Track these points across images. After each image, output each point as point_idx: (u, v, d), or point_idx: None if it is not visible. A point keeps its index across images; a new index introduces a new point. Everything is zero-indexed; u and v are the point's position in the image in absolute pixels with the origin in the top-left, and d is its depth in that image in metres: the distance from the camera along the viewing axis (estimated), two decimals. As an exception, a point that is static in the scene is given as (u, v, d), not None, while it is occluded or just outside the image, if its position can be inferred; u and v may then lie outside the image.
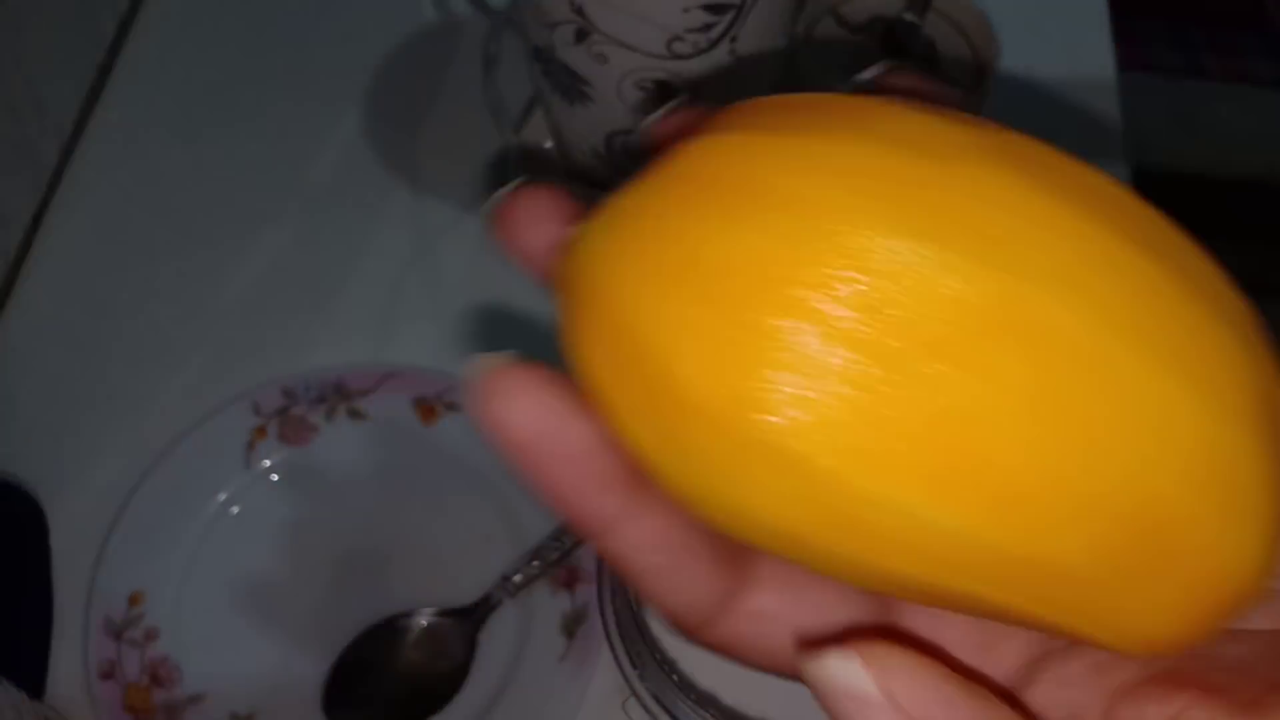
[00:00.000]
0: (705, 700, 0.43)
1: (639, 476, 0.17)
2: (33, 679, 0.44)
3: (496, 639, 0.46)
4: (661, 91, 0.40)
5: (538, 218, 0.19)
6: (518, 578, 0.46)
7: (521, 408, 0.17)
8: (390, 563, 0.48)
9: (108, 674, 0.44)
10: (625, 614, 0.35)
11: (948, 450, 0.15)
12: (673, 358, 0.15)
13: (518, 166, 0.52)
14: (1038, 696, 0.18)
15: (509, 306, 0.55)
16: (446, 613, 0.46)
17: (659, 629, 0.45)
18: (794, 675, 0.18)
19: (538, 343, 0.58)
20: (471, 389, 0.17)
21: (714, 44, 0.39)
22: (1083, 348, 0.15)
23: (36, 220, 0.56)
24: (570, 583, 0.46)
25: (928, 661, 0.16)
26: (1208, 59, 1.39)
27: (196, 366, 0.52)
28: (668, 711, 0.34)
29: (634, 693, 0.35)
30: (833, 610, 0.19)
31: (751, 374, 0.15)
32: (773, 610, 0.19)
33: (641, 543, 0.18)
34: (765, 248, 0.15)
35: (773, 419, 0.15)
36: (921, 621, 0.20)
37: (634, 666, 0.35)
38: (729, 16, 0.37)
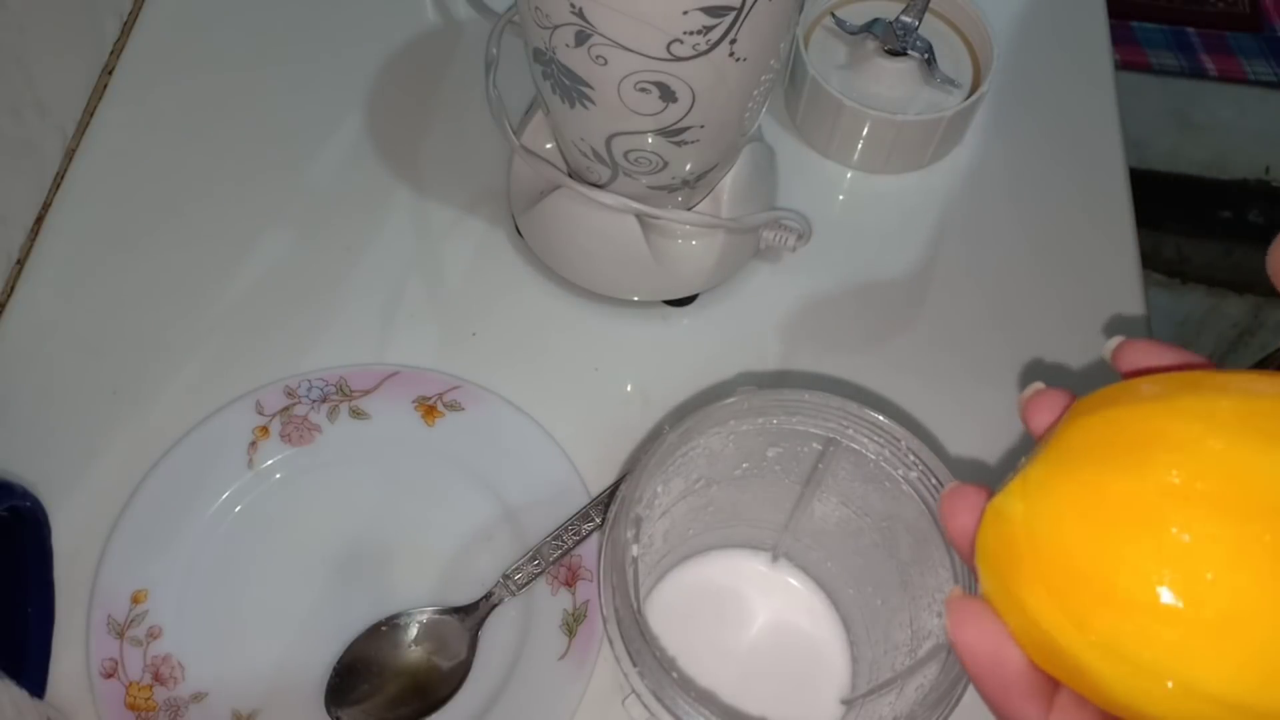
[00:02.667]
0: (704, 698, 0.43)
1: (1049, 691, 0.24)
2: (35, 678, 0.44)
3: (497, 637, 0.46)
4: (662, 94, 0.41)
5: (965, 508, 0.25)
6: (518, 576, 0.46)
7: (980, 634, 0.24)
8: (392, 561, 0.48)
9: (110, 673, 0.44)
10: (625, 612, 0.35)
11: None
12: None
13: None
14: None
15: (510, 306, 0.55)
16: (447, 611, 0.46)
17: (658, 627, 0.45)
18: None
19: (536, 338, 0.58)
20: (950, 615, 0.24)
21: (713, 46, 0.39)
22: None
23: (39, 220, 0.57)
24: (570, 581, 0.47)
25: None
26: (1206, 60, 1.40)
27: (199, 366, 0.53)
28: (667, 709, 0.35)
29: (633, 690, 0.35)
30: None
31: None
32: None
33: None
34: (1144, 491, 0.21)
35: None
36: None
37: (633, 664, 0.35)
38: (728, 19, 0.38)
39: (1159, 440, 0.21)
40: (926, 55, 0.58)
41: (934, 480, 0.38)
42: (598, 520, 0.47)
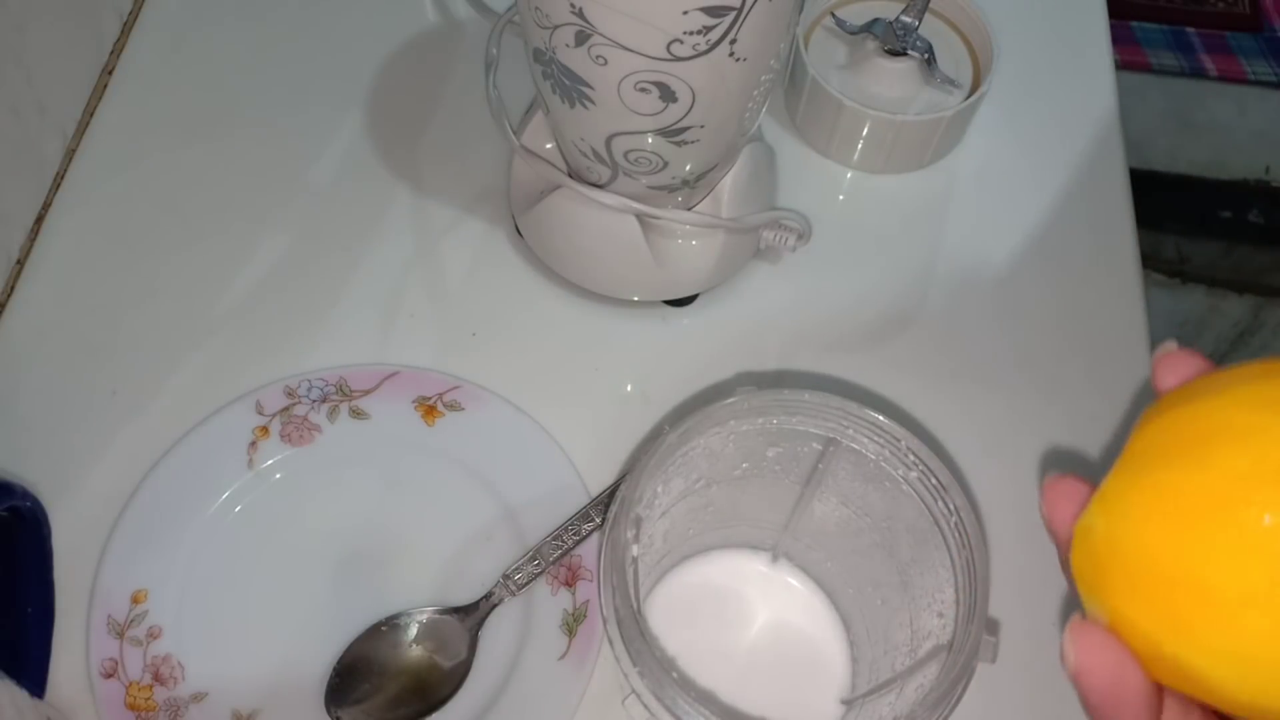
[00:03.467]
0: (704, 698, 0.43)
1: (1158, 706, 0.23)
2: (35, 678, 0.44)
3: (497, 637, 0.46)
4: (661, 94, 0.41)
5: (1066, 500, 0.25)
6: (518, 576, 0.46)
7: (1101, 661, 0.23)
8: (391, 561, 0.48)
9: (110, 673, 0.44)
10: (625, 612, 0.35)
11: None
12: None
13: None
14: None
15: (510, 306, 0.55)
16: (447, 610, 0.46)
17: (658, 627, 0.45)
18: None
19: (536, 338, 0.58)
20: (1074, 640, 0.23)
21: (713, 46, 0.39)
22: None
23: (39, 220, 0.57)
24: (570, 581, 0.47)
25: None
26: (1205, 60, 1.40)
27: (199, 366, 0.53)
28: (667, 709, 0.35)
29: (633, 690, 0.35)
30: None
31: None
32: None
33: None
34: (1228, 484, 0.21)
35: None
36: None
37: (633, 664, 0.35)
38: (728, 19, 0.38)
39: (1224, 431, 0.21)
40: (926, 55, 0.58)
41: (934, 480, 0.38)
42: (598, 520, 0.47)
